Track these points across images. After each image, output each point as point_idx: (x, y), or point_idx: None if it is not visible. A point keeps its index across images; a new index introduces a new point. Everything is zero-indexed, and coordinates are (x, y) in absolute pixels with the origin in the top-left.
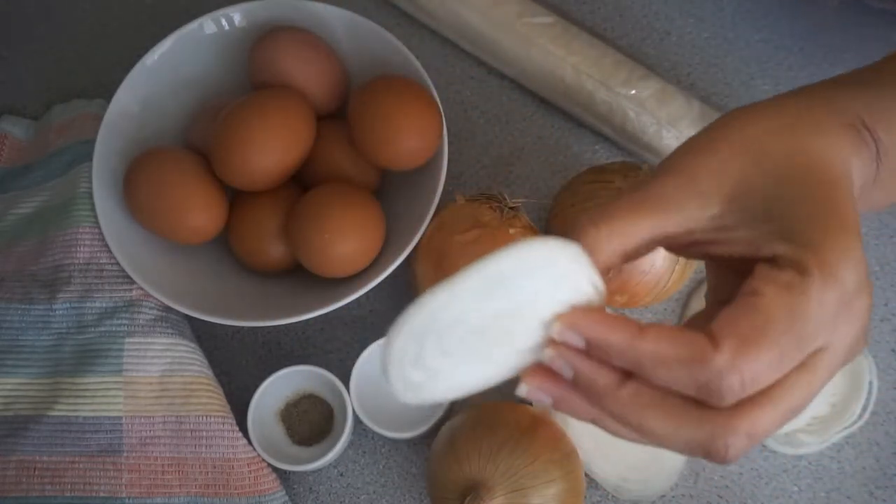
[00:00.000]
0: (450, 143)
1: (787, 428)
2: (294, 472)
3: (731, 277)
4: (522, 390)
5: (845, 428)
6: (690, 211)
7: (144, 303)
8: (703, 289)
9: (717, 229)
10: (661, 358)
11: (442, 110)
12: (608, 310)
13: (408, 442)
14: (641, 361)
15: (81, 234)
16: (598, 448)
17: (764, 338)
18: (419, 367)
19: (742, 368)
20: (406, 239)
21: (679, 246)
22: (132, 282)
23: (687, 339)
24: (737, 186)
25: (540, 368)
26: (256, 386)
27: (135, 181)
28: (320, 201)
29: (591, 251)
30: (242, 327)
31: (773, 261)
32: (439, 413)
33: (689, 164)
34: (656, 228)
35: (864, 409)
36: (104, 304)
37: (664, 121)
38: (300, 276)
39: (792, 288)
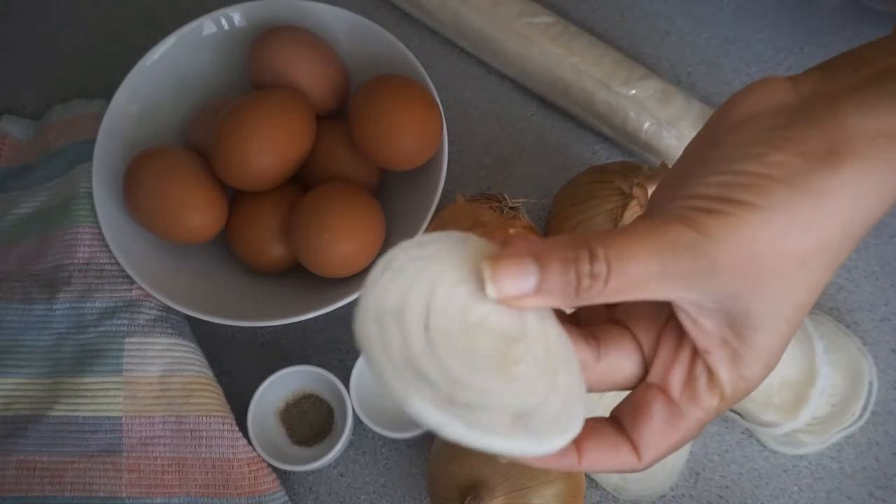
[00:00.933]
0: (450, 143)
1: (788, 428)
2: (294, 472)
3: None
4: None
5: (845, 428)
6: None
7: (144, 303)
8: None
9: (692, 303)
10: (595, 469)
11: (442, 110)
12: None
13: (408, 442)
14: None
15: (81, 233)
16: None
17: (675, 447)
18: None
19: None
20: (406, 239)
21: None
22: (132, 282)
23: (619, 461)
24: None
25: None
26: (256, 386)
27: (134, 181)
28: (320, 201)
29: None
30: (242, 327)
31: (708, 369)
32: None
33: (718, 251)
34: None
35: (865, 409)
36: (104, 304)
37: (664, 121)
38: (300, 276)
39: (712, 412)
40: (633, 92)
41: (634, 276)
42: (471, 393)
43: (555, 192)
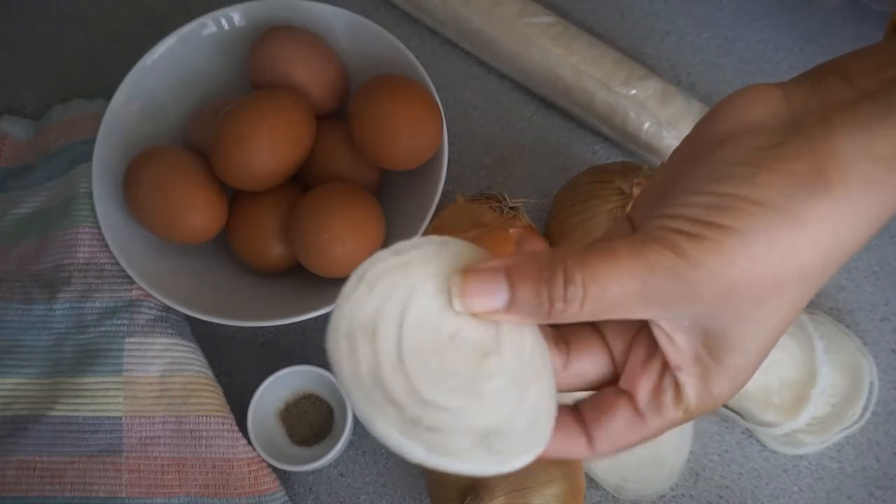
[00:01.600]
0: (450, 143)
1: (788, 428)
2: (294, 472)
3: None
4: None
5: (846, 428)
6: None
7: (144, 303)
8: None
9: (669, 320)
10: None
11: (442, 110)
12: None
13: None
14: None
15: (81, 233)
16: None
17: (630, 447)
18: None
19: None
20: (406, 239)
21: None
22: (132, 282)
23: (572, 450)
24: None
25: None
26: (256, 386)
27: (134, 181)
28: (320, 201)
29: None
30: (242, 327)
31: (675, 383)
32: None
33: (698, 275)
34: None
35: (865, 409)
36: (104, 304)
37: (664, 121)
38: (300, 276)
39: (675, 422)
40: (633, 92)
41: (612, 299)
42: (437, 414)
43: (555, 192)
